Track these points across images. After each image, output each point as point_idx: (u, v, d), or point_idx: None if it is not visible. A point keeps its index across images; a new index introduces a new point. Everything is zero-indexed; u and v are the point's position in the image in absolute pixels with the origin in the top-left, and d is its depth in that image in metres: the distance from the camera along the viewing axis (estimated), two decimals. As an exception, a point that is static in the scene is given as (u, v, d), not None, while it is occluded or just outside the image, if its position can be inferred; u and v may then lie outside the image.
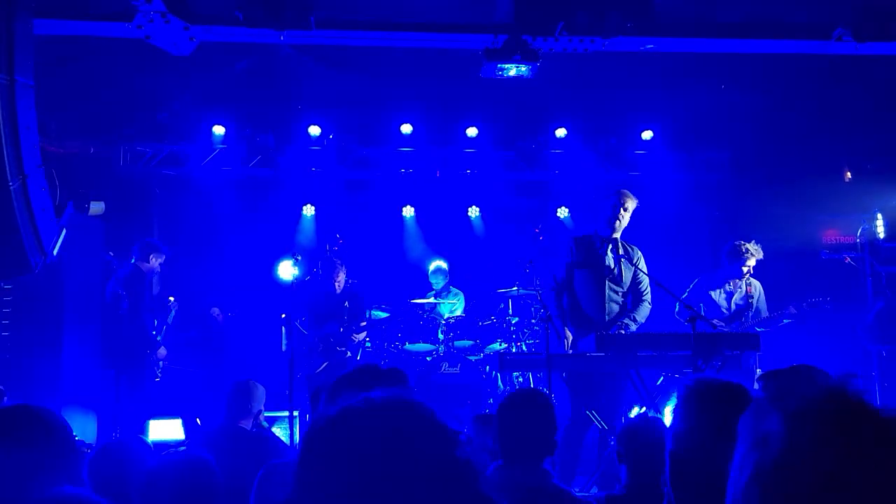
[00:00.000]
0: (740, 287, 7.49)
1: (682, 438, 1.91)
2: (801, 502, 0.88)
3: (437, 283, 9.59)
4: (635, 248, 6.63)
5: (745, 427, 1.00)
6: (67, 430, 2.27)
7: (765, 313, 7.51)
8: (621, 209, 6.43)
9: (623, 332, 6.32)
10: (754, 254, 7.37)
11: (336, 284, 8.44)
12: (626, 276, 6.49)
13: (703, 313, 7.46)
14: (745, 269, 7.40)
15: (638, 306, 6.50)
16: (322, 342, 8.29)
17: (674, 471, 1.92)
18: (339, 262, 8.55)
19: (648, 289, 6.54)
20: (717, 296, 7.52)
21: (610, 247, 6.48)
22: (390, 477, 1.08)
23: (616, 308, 6.51)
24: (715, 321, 7.10)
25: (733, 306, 7.49)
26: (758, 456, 0.92)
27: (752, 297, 7.45)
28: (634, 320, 6.46)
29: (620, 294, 6.51)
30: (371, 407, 1.16)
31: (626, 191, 6.58)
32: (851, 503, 0.86)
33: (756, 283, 7.55)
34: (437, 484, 1.10)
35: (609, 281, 6.45)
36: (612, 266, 6.46)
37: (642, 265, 6.56)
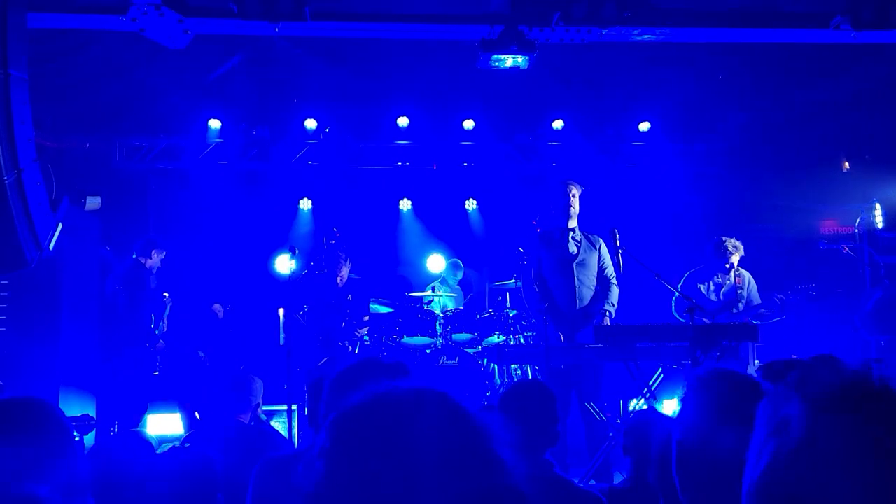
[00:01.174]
0: (729, 279, 7.50)
1: (691, 428, 1.90)
2: (817, 489, 0.86)
3: (454, 278, 9.59)
4: (596, 237, 6.83)
5: (764, 414, 0.98)
6: (66, 424, 2.25)
7: (757, 301, 7.53)
8: (570, 197, 6.68)
9: (608, 319, 6.53)
10: (735, 250, 7.43)
11: (339, 279, 8.42)
12: (591, 261, 6.69)
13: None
14: (727, 266, 7.47)
15: (608, 291, 6.71)
16: (322, 336, 8.28)
17: (680, 460, 1.91)
18: (343, 255, 8.53)
19: (614, 273, 6.72)
20: (706, 289, 7.54)
21: (570, 235, 6.70)
22: (423, 467, 1.06)
23: (588, 293, 6.67)
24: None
25: (722, 298, 7.49)
26: (776, 443, 0.90)
27: (741, 288, 7.46)
28: (612, 304, 6.68)
29: (589, 279, 6.67)
30: (405, 396, 1.14)
31: (568, 180, 6.86)
32: (871, 489, 0.84)
33: (746, 274, 7.56)
34: (472, 476, 1.08)
35: (576, 266, 6.64)
36: (576, 252, 6.66)
37: (605, 251, 6.75)
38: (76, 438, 2.33)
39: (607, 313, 6.62)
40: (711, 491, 1.81)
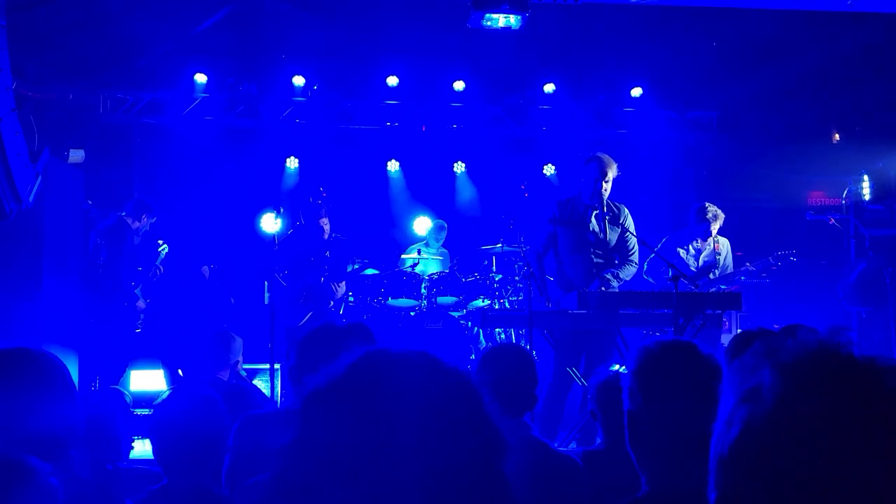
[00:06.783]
0: (708, 244, 7.50)
1: (637, 399, 1.93)
2: (795, 454, 0.86)
3: (437, 240, 9.55)
4: (622, 207, 6.40)
5: (733, 382, 0.98)
6: (67, 376, 2.21)
7: (731, 269, 7.57)
8: (602, 182, 6.14)
9: (604, 288, 6.16)
10: (716, 218, 7.38)
11: (324, 229, 8.31)
12: (612, 237, 6.28)
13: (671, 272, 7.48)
14: (710, 231, 7.42)
15: (623, 266, 6.33)
16: (303, 293, 8.25)
17: (631, 430, 1.94)
18: (322, 207, 8.46)
19: (636, 249, 6.37)
20: (685, 254, 7.53)
21: (595, 212, 6.23)
22: (408, 431, 1.02)
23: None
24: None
25: (701, 263, 7.50)
26: (748, 410, 0.90)
27: (720, 253, 7.48)
28: (617, 277, 6.28)
29: (609, 259, 6.30)
30: (392, 359, 1.10)
31: (604, 157, 6.26)
32: (847, 454, 0.84)
33: (723, 241, 7.55)
34: (463, 437, 1.05)
35: (593, 246, 6.24)
36: (598, 230, 6.23)
37: (629, 223, 6.36)
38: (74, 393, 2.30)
39: (606, 282, 6.18)
40: (665, 460, 1.86)
